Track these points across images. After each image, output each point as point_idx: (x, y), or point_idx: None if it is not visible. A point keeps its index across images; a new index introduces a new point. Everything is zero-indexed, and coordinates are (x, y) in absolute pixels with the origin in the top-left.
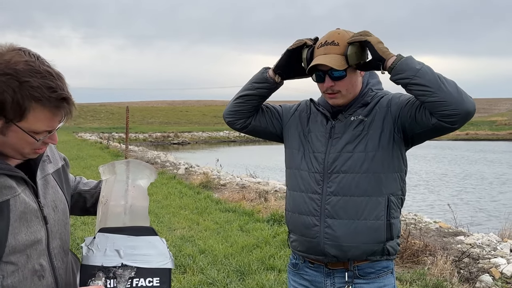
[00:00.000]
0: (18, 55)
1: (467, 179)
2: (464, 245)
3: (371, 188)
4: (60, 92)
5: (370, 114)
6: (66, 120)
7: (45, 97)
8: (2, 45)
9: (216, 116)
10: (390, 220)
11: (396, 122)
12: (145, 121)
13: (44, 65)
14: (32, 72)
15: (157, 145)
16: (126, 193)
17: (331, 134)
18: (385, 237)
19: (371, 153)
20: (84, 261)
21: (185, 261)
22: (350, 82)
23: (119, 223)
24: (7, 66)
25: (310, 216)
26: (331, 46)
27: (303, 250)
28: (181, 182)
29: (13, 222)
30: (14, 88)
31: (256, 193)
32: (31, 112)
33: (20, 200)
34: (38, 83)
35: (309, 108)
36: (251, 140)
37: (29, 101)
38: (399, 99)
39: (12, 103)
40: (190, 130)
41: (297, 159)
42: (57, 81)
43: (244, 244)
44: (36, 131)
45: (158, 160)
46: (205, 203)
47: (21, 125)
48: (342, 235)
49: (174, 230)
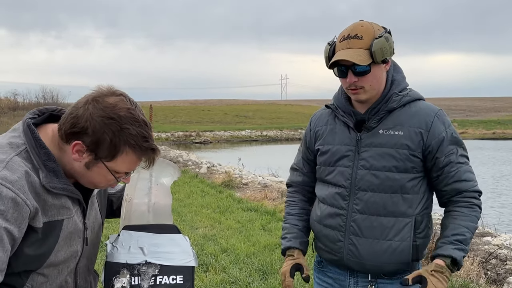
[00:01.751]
0: (122, 102)
1: (495, 179)
2: (491, 246)
3: (398, 209)
4: (151, 143)
5: (400, 129)
6: (148, 167)
7: (139, 144)
8: (102, 86)
9: (238, 115)
10: (416, 241)
11: (424, 153)
12: (167, 120)
13: (141, 114)
14: (132, 120)
15: (179, 144)
16: (149, 191)
17: (358, 149)
18: (411, 258)
19: (401, 173)
20: (109, 258)
21: (208, 259)
22: (375, 77)
23: (143, 221)
24: (112, 110)
25: (335, 231)
26: (355, 40)
27: (327, 259)
28: (203, 181)
29: (60, 241)
30: (114, 131)
31: (278, 192)
32: (122, 156)
33: (72, 221)
34: (136, 131)
35: (327, 119)
36: (273, 139)
37: (124, 145)
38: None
39: (110, 145)
40: (212, 129)
41: (324, 172)
42: (150, 131)
43: (266, 244)
44: (119, 171)
45: (180, 159)
46: (227, 202)
47: (107, 164)
48: (365, 254)
49: (197, 228)
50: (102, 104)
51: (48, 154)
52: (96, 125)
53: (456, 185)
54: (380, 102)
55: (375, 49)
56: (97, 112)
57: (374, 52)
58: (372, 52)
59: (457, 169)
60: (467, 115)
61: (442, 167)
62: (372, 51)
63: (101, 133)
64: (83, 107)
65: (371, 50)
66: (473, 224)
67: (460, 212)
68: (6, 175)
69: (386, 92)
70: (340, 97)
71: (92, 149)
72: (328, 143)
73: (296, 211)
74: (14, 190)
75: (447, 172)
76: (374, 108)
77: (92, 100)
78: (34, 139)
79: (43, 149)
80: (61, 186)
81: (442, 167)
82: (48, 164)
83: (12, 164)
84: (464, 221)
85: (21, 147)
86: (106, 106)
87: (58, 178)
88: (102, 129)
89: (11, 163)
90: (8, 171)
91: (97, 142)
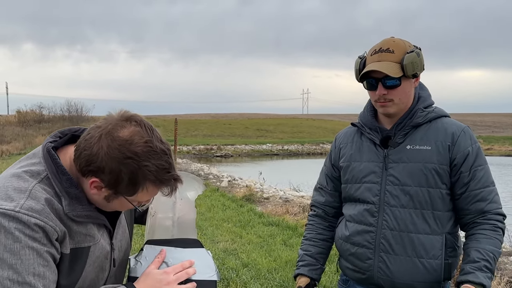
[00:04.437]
0: (138, 134)
1: None
2: None
3: (428, 225)
4: (173, 173)
5: (428, 145)
6: (170, 195)
7: (159, 178)
8: (113, 113)
9: (259, 129)
10: (448, 260)
11: (449, 166)
12: (189, 134)
13: (159, 142)
14: (151, 154)
15: (200, 157)
16: (174, 205)
17: (385, 165)
18: (443, 277)
19: (431, 189)
20: (132, 273)
21: (228, 274)
22: (404, 91)
23: (167, 235)
24: (128, 148)
25: (364, 248)
26: (386, 53)
27: (354, 278)
28: (224, 194)
29: (88, 267)
30: (132, 170)
31: (300, 207)
32: (142, 191)
33: (99, 246)
34: (155, 166)
35: (353, 137)
36: (294, 154)
37: (143, 182)
38: (467, 161)
39: (128, 183)
40: (233, 143)
41: (351, 190)
42: (169, 159)
43: (288, 259)
44: (141, 202)
45: (202, 173)
46: (248, 216)
47: (128, 198)
48: (397, 272)
49: (217, 242)
50: (117, 141)
51: (70, 181)
52: (113, 165)
53: (480, 205)
54: (406, 117)
55: (406, 62)
56: (113, 152)
57: (405, 66)
58: (403, 65)
59: (482, 188)
60: (493, 131)
61: (467, 182)
62: (403, 64)
63: (118, 172)
64: (97, 144)
65: (403, 64)
66: (497, 249)
67: (485, 235)
68: (32, 205)
69: (412, 107)
70: (366, 115)
71: (111, 186)
72: (355, 160)
73: (311, 235)
74: (43, 219)
75: (471, 190)
76: (400, 124)
77: (106, 135)
78: (55, 165)
79: (65, 175)
80: (85, 214)
81: (466, 182)
82: (71, 191)
83: (35, 193)
84: (490, 245)
85: (42, 174)
86: (121, 144)
87: (82, 205)
88: (119, 169)
89: (33, 191)
90: (33, 201)
91: (115, 181)
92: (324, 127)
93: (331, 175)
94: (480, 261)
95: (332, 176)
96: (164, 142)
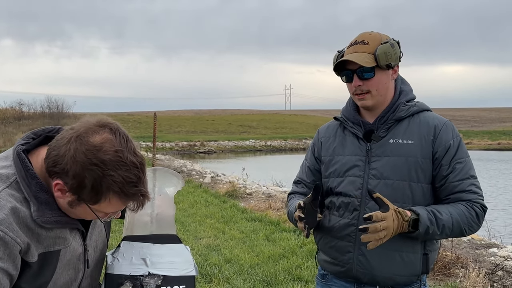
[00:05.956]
0: (109, 142)
1: (502, 191)
2: (497, 258)
3: None
4: (140, 188)
5: (411, 138)
6: (136, 210)
7: (124, 191)
8: (91, 119)
9: (242, 125)
10: (427, 253)
11: (431, 160)
12: (171, 130)
13: (132, 154)
14: (118, 165)
15: (184, 154)
16: (152, 201)
17: (368, 158)
18: (421, 270)
19: (412, 183)
20: (109, 270)
21: (211, 270)
22: (380, 82)
23: (146, 231)
24: (95, 155)
25: (344, 241)
26: (360, 45)
27: (333, 271)
28: (207, 191)
29: (58, 270)
30: (96, 178)
31: (282, 202)
32: (105, 201)
33: (70, 249)
34: (121, 177)
35: (336, 131)
36: (277, 149)
37: (107, 192)
38: (448, 153)
39: (91, 191)
40: (216, 139)
41: (333, 183)
42: (140, 173)
43: (270, 254)
44: (107, 213)
45: (185, 169)
46: (231, 212)
47: (92, 207)
48: (376, 265)
49: (200, 238)
50: (86, 145)
51: (39, 185)
52: (77, 169)
53: (459, 195)
54: (388, 111)
55: (379, 52)
56: (79, 156)
57: (378, 56)
58: (376, 55)
59: (461, 180)
60: (472, 125)
61: (446, 175)
62: (376, 54)
63: (82, 178)
64: (66, 146)
65: (375, 54)
66: (459, 218)
67: (454, 206)
68: None
69: (394, 101)
70: (349, 108)
71: (74, 191)
72: (337, 154)
73: (300, 196)
74: (3, 229)
75: (450, 181)
76: (383, 117)
77: (76, 138)
78: (25, 168)
79: (34, 179)
80: (53, 220)
81: (446, 175)
82: (40, 196)
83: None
84: (453, 210)
85: (11, 178)
86: (89, 149)
87: (51, 210)
88: (83, 174)
89: None
90: None
91: (78, 186)
92: (306, 123)
93: (313, 168)
94: (432, 208)
95: (315, 169)
96: (138, 155)
